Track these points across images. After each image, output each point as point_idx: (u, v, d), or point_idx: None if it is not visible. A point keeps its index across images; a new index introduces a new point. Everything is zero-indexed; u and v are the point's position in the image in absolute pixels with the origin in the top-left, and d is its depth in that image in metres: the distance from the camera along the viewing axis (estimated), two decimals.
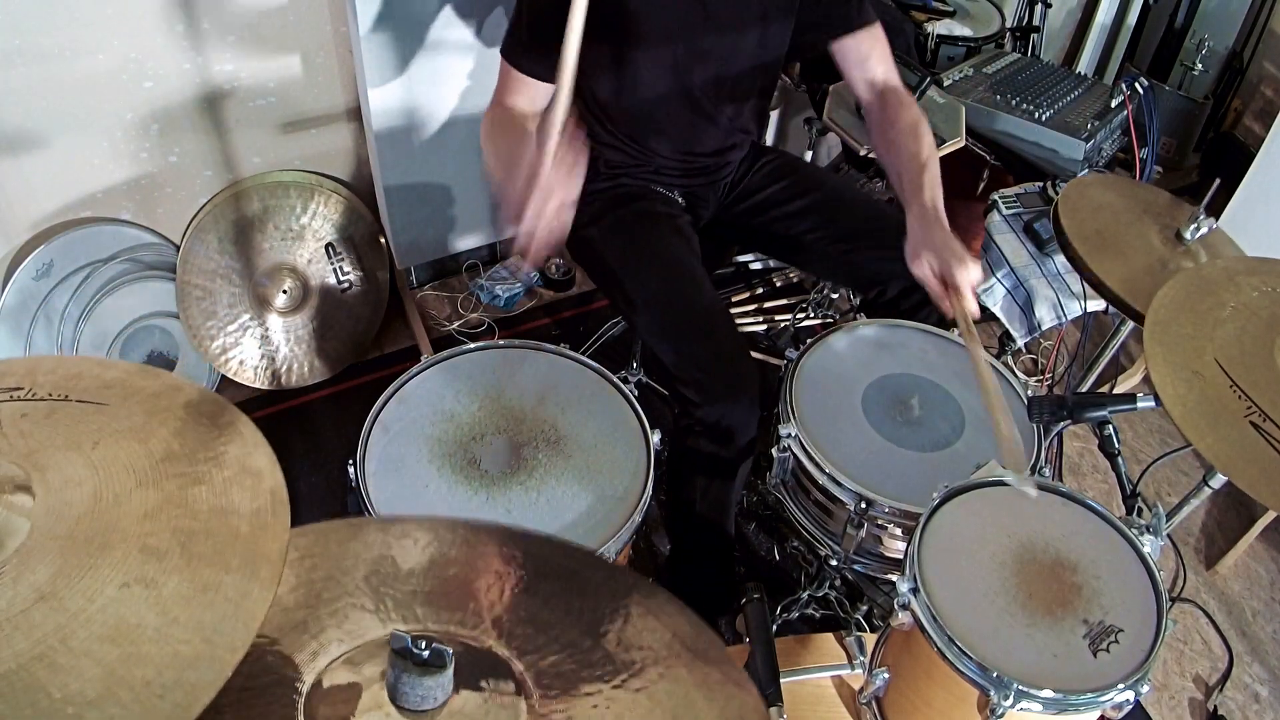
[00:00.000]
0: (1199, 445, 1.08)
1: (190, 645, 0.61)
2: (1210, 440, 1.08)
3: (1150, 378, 1.14)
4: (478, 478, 1.27)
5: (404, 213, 2.24)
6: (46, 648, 0.59)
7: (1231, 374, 1.14)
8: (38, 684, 0.57)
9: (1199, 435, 1.08)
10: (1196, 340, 1.19)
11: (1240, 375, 1.14)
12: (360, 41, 1.90)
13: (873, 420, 1.42)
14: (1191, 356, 1.16)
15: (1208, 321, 1.22)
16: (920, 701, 1.10)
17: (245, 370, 2.21)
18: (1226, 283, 1.28)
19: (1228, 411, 1.11)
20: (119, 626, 0.61)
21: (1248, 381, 1.13)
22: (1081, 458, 2.31)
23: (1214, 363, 1.15)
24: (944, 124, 2.00)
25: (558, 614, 0.80)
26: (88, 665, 0.59)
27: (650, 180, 1.70)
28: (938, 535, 1.08)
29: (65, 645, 0.59)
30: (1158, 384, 1.13)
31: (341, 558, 0.83)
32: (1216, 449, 1.07)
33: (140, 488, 0.70)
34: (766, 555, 1.86)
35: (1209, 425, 1.09)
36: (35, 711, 0.56)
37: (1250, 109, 3.20)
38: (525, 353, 1.46)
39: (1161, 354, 1.16)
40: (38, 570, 0.63)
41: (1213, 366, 1.15)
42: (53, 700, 0.57)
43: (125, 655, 0.59)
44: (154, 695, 0.58)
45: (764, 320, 2.52)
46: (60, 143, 1.89)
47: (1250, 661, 1.93)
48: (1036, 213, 1.91)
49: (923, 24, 2.37)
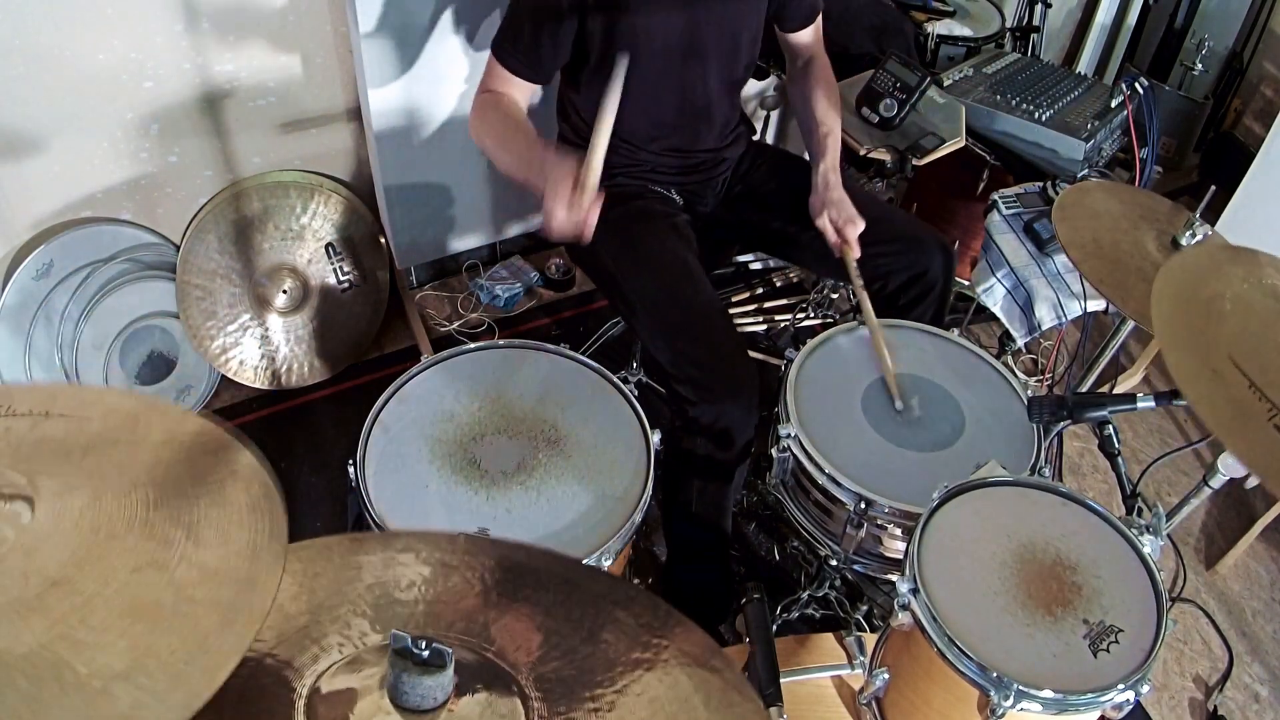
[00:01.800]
0: (1234, 450, 1.02)
1: (209, 618, 0.62)
2: (1245, 446, 1.02)
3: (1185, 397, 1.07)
4: (478, 478, 1.27)
5: (404, 213, 2.24)
6: (67, 627, 0.59)
7: (1248, 373, 1.08)
8: (61, 661, 0.57)
9: (1234, 440, 1.02)
10: (1208, 333, 1.13)
11: (1257, 376, 1.08)
12: (360, 41, 1.90)
13: (873, 420, 1.42)
14: (1208, 354, 1.10)
15: (1213, 315, 1.16)
16: (920, 702, 1.10)
17: (245, 370, 2.21)
18: (1219, 273, 1.23)
19: (1253, 416, 1.05)
20: (136, 605, 0.61)
21: (1265, 382, 1.08)
22: (1081, 458, 2.31)
23: (1229, 361, 1.09)
24: (944, 124, 2.00)
25: (556, 621, 0.80)
26: (113, 639, 0.59)
27: (647, 180, 1.70)
28: (938, 535, 1.08)
29: (86, 624, 0.60)
30: (1185, 391, 1.06)
31: (340, 568, 0.83)
32: (1252, 454, 1.02)
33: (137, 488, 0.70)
34: (766, 555, 1.85)
35: (1240, 430, 1.03)
36: (62, 687, 0.56)
37: (1250, 109, 3.20)
38: (525, 353, 1.46)
39: (1180, 360, 1.10)
40: (47, 561, 0.63)
41: (1229, 365, 1.09)
42: (79, 675, 0.57)
43: (148, 628, 0.60)
44: (180, 663, 0.59)
45: (764, 320, 2.52)
46: (60, 143, 1.89)
47: (1250, 661, 1.93)
48: (1036, 213, 1.91)
49: (923, 24, 2.37)
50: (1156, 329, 1.15)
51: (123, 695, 0.57)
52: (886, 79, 1.96)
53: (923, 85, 1.94)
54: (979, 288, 1.93)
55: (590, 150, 1.27)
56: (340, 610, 0.79)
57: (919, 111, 1.98)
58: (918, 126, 1.98)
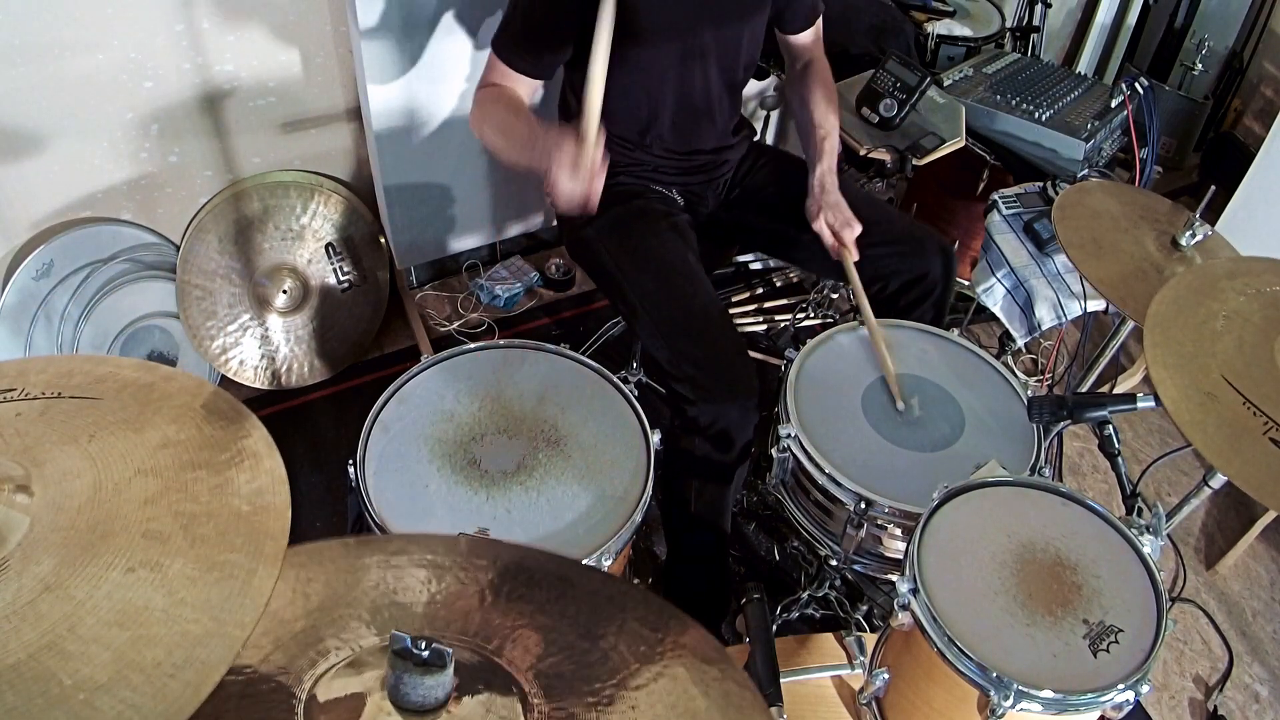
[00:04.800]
0: (1226, 471, 1.04)
1: (199, 624, 0.61)
2: (1237, 466, 1.04)
3: (1175, 419, 1.08)
4: (478, 478, 1.27)
5: (404, 213, 2.24)
6: (55, 636, 0.59)
7: (1242, 390, 1.10)
8: (48, 673, 0.57)
9: (1225, 463, 1.04)
10: (1200, 359, 1.15)
11: (1250, 390, 1.10)
12: (360, 41, 1.90)
13: (873, 420, 1.42)
14: (1200, 377, 1.13)
15: (1205, 336, 1.18)
16: (920, 702, 1.10)
17: (245, 370, 2.21)
18: (1212, 290, 1.25)
19: (1247, 432, 1.07)
20: (126, 610, 0.61)
21: (1259, 395, 1.09)
22: (1081, 458, 2.31)
23: (1223, 380, 1.12)
24: (944, 124, 2.00)
25: (554, 619, 0.80)
26: (97, 651, 0.59)
27: (649, 179, 1.70)
28: (938, 535, 1.08)
29: (73, 633, 0.59)
30: (1174, 413, 1.08)
31: (336, 572, 0.83)
32: (1245, 474, 1.03)
33: (139, 476, 0.70)
34: (766, 555, 1.86)
35: (1233, 450, 1.05)
36: (47, 700, 0.56)
37: (1250, 109, 3.20)
38: (525, 353, 1.46)
39: (1170, 379, 1.12)
40: (42, 562, 0.63)
41: (1223, 385, 1.11)
42: (64, 687, 0.57)
43: (134, 638, 0.60)
44: (165, 676, 0.58)
45: (764, 320, 2.52)
46: (60, 143, 1.89)
47: (1250, 661, 1.93)
48: (1036, 213, 1.91)
49: (923, 24, 2.37)
50: (1149, 354, 1.15)
51: (105, 708, 0.56)
52: (886, 79, 1.96)
53: (923, 85, 1.94)
54: (979, 288, 1.93)
55: (585, 102, 1.28)
56: (338, 613, 0.79)
57: (919, 111, 1.98)
58: (918, 126, 1.98)
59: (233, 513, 0.69)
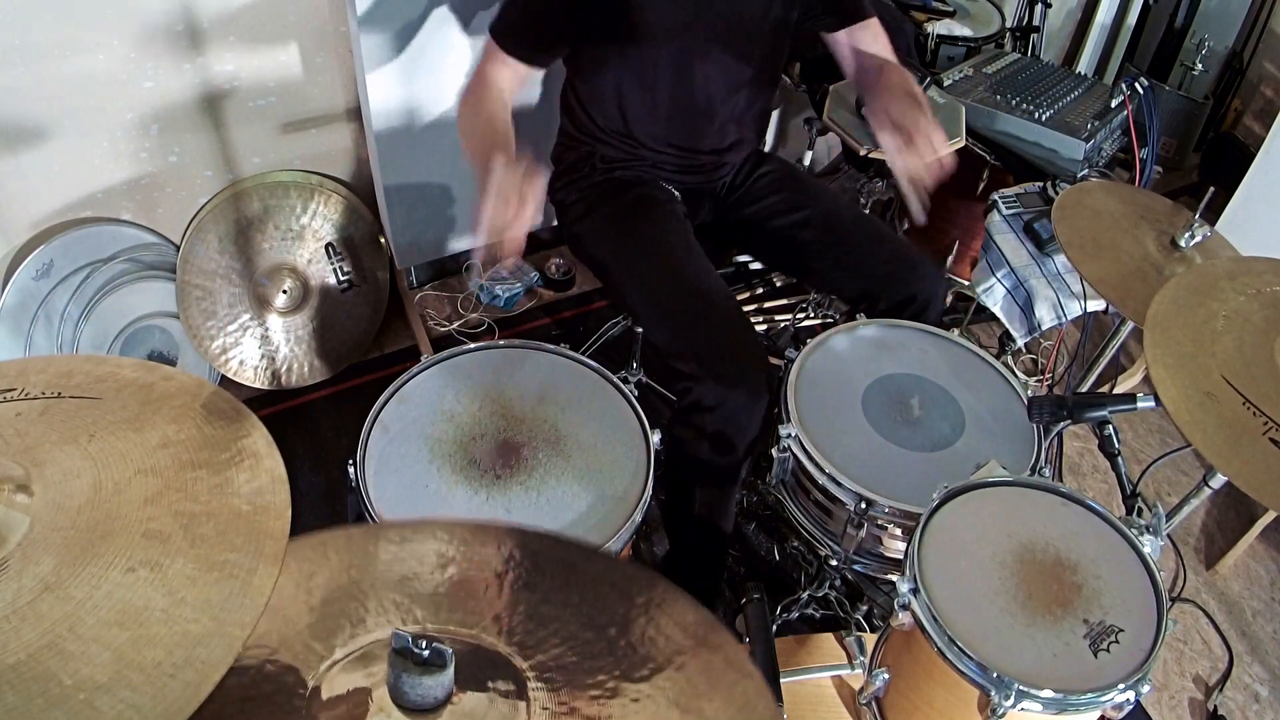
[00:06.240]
0: (1226, 471, 1.04)
1: (199, 623, 0.61)
2: (1237, 466, 1.04)
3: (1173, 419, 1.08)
4: (478, 478, 1.27)
5: (404, 213, 2.24)
6: (55, 636, 0.59)
7: (1242, 390, 1.10)
8: (48, 673, 0.57)
9: (1225, 463, 1.04)
10: (1200, 359, 1.15)
11: (1250, 390, 1.10)
12: (360, 41, 1.90)
13: (873, 420, 1.42)
14: (1200, 377, 1.13)
15: (1205, 336, 1.18)
16: (920, 702, 1.10)
17: (245, 370, 2.21)
18: (1212, 290, 1.25)
19: (1247, 432, 1.07)
20: (126, 610, 0.61)
21: (1258, 395, 1.09)
22: (1081, 458, 2.31)
23: (1223, 380, 1.12)
24: (944, 124, 1.98)
25: (557, 608, 0.80)
26: (97, 651, 0.59)
27: (647, 174, 1.70)
28: (938, 535, 1.08)
29: (73, 633, 0.59)
30: (1174, 413, 1.08)
31: (339, 565, 0.83)
32: (1245, 474, 1.03)
33: (139, 475, 0.70)
34: (766, 555, 1.86)
35: (1233, 450, 1.05)
36: (47, 700, 0.56)
37: (1250, 109, 3.20)
38: (525, 353, 1.46)
39: (1170, 379, 1.12)
40: (42, 562, 0.63)
41: (1222, 385, 1.11)
42: (64, 687, 0.57)
43: (134, 638, 0.60)
44: (165, 675, 0.58)
45: (764, 320, 2.52)
46: (60, 143, 1.89)
47: (1250, 661, 1.93)
48: (1036, 213, 1.91)
49: (923, 24, 2.37)
50: (1149, 355, 1.15)
51: (106, 708, 0.56)
52: None
53: (923, 85, 1.94)
54: (979, 288, 1.93)
55: None
56: (338, 606, 0.79)
57: None
58: None
59: (233, 512, 0.69)
